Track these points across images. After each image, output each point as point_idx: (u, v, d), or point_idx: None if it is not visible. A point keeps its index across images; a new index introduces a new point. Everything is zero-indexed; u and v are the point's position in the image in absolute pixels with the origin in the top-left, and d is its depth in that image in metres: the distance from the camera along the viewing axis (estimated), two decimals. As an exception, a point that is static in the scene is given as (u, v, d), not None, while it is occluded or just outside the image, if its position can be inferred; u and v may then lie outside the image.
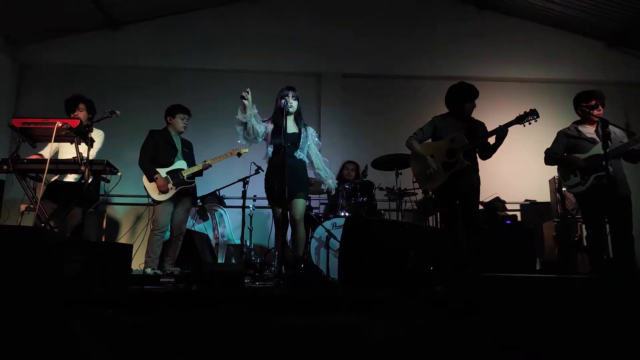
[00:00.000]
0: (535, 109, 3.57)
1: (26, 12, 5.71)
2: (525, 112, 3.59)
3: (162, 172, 4.23)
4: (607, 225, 3.77)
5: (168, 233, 4.36)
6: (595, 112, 3.75)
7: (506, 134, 3.59)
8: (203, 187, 5.40)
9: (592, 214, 3.75)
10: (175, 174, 4.25)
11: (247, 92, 3.44)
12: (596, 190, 3.60)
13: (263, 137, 3.68)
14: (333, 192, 4.05)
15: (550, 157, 3.94)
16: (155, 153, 4.29)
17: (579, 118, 3.91)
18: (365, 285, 2.78)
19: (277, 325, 2.16)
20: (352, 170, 5.36)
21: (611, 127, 3.73)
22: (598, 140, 3.71)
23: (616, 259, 3.65)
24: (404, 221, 4.74)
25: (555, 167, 4.03)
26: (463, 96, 3.76)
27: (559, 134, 3.96)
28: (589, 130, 3.79)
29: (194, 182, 4.33)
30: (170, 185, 4.21)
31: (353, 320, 2.25)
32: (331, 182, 3.84)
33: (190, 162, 4.42)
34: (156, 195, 4.19)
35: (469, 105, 3.77)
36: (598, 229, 3.73)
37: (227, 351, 2.00)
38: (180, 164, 4.32)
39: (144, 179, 4.24)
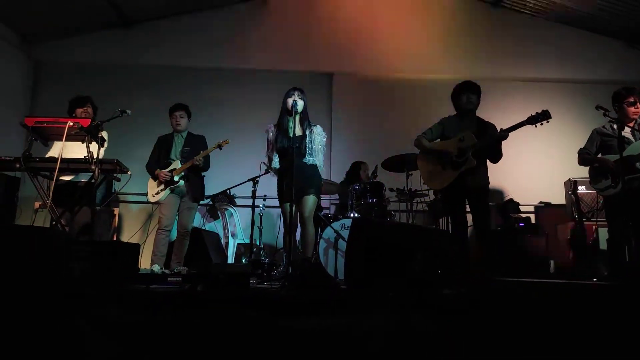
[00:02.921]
0: (547, 110, 3.48)
1: (41, 10, 5.79)
2: (537, 112, 3.51)
3: (158, 170, 4.35)
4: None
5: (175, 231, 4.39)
6: (633, 109, 3.65)
7: (506, 137, 3.54)
8: (214, 186, 5.43)
9: (618, 217, 3.64)
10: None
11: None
12: (627, 193, 3.48)
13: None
14: None
15: (582, 158, 3.88)
16: (158, 158, 4.43)
17: (610, 120, 3.81)
18: (371, 288, 2.76)
19: (280, 326, 2.15)
20: (368, 170, 5.34)
21: None
22: (633, 140, 3.61)
23: (634, 263, 3.55)
24: (411, 223, 4.69)
25: (571, 168, 3.95)
26: (456, 90, 3.78)
27: (593, 132, 3.90)
28: (625, 129, 3.65)
29: (180, 182, 4.28)
30: (161, 187, 4.28)
31: (358, 323, 2.22)
32: None
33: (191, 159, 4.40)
34: (151, 197, 4.31)
35: (464, 97, 3.72)
36: (621, 233, 3.62)
37: (229, 352, 2.00)
38: (174, 165, 4.35)
39: (148, 182, 4.38)
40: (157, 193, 4.28)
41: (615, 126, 3.70)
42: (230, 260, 5.15)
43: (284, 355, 2.01)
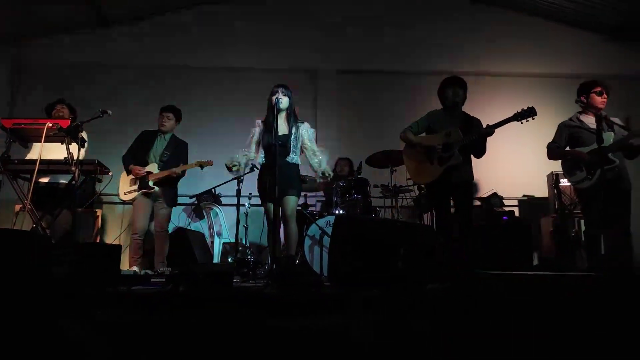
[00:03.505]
0: (533, 107, 3.51)
1: (19, 10, 5.69)
2: (522, 109, 3.54)
3: (132, 165, 4.33)
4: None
5: None
6: (600, 99, 3.70)
7: (492, 133, 3.56)
8: (198, 186, 5.40)
9: (595, 209, 3.67)
10: (143, 177, 4.27)
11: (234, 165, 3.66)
12: (602, 184, 3.53)
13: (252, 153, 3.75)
14: (329, 178, 3.73)
15: (552, 151, 3.88)
16: (137, 152, 4.40)
17: (577, 112, 3.86)
18: (355, 284, 2.76)
19: (264, 325, 2.14)
20: (346, 166, 5.35)
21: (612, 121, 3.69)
22: (601, 130, 3.65)
23: (614, 255, 3.61)
24: (394, 219, 4.71)
25: (554, 161, 3.98)
26: (442, 85, 3.80)
27: (559, 126, 3.91)
28: (592, 120, 3.69)
29: (154, 188, 4.26)
30: (135, 187, 4.28)
31: (342, 321, 2.23)
32: (323, 168, 3.63)
33: (170, 166, 4.35)
34: (122, 195, 4.31)
35: (450, 91, 3.74)
36: (597, 225, 3.68)
37: (211, 351, 1.99)
38: (151, 167, 4.32)
39: (121, 177, 4.33)
40: (130, 192, 4.27)
41: (581, 117, 3.76)
42: (216, 259, 5.14)
43: (267, 354, 2.01)
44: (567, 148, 3.85)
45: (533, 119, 3.53)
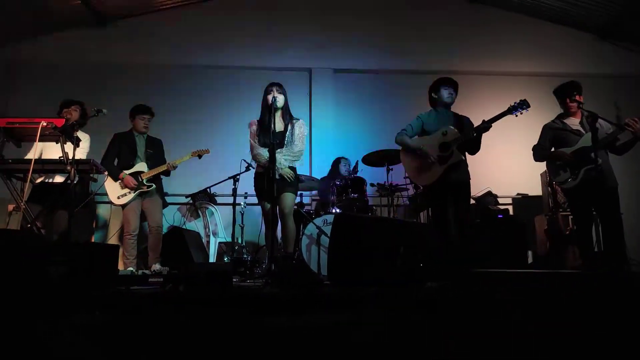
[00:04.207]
0: (525, 99, 3.56)
1: (13, 10, 5.63)
2: (515, 102, 3.58)
3: (124, 174, 4.23)
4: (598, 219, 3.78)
5: None
6: (578, 97, 3.76)
7: (489, 128, 3.59)
8: (193, 185, 5.38)
9: (582, 209, 3.73)
10: (134, 177, 4.22)
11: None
12: (586, 184, 3.59)
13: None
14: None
15: (538, 153, 3.93)
16: (118, 156, 4.30)
17: (559, 114, 3.92)
18: (354, 283, 2.76)
19: (263, 325, 2.14)
20: (347, 165, 5.37)
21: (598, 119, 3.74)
22: (583, 131, 3.70)
23: (607, 252, 3.65)
24: (393, 218, 4.73)
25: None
26: (436, 84, 3.81)
27: (544, 128, 3.96)
28: (574, 122, 3.78)
29: (152, 186, 4.24)
30: (127, 190, 4.19)
31: (342, 319, 2.23)
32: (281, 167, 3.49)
33: (156, 162, 4.33)
34: (115, 199, 4.18)
35: (446, 91, 3.76)
36: (588, 223, 3.73)
37: (212, 352, 1.98)
38: (140, 166, 4.28)
39: (106, 183, 4.20)
40: (124, 195, 4.18)
41: (564, 119, 3.83)
42: (212, 259, 5.11)
43: (267, 353, 2.00)
44: (552, 149, 3.89)
45: (527, 110, 3.56)
